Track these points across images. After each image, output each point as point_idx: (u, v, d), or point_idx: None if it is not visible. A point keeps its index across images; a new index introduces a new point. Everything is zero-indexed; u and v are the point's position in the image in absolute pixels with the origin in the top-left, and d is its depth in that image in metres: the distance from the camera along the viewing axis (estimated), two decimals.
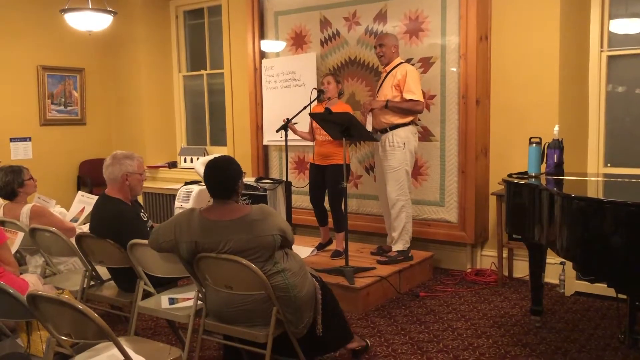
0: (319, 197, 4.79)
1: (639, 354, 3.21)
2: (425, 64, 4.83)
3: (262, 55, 5.91)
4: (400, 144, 4.40)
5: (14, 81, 6.49)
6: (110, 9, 4.93)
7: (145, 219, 3.36)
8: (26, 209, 3.68)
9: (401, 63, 4.49)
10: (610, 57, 4.43)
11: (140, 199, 6.56)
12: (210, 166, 2.79)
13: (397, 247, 4.54)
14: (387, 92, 4.43)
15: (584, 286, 4.21)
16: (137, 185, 3.33)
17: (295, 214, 5.14)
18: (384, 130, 4.45)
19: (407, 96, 4.33)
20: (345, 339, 3.15)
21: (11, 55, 6.42)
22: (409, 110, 4.37)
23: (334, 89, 4.64)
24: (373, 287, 4.13)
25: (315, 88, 4.79)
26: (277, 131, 4.65)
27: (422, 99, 4.40)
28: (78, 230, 3.68)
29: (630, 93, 4.42)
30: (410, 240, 4.57)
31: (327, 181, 4.63)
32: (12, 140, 6.47)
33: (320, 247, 4.94)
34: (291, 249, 2.90)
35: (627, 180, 3.53)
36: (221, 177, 2.76)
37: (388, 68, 4.51)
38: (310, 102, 4.65)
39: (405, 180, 4.45)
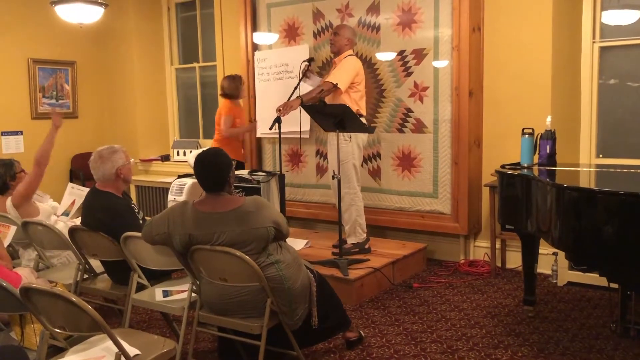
0: None
1: (630, 342, 3.24)
2: (418, 55, 4.83)
3: (255, 47, 5.88)
4: (347, 137, 4.38)
5: (5, 74, 6.42)
6: (102, 1, 4.88)
7: (137, 211, 3.36)
8: (9, 201, 3.65)
9: (349, 55, 4.54)
10: (602, 48, 4.44)
11: (132, 192, 6.58)
12: (199, 160, 2.79)
13: (351, 239, 4.56)
14: None
15: (577, 276, 4.24)
16: (129, 174, 3.40)
17: (288, 207, 5.14)
18: None
19: (325, 79, 4.38)
20: (342, 326, 3.17)
21: (1, 48, 6.35)
22: (317, 94, 4.33)
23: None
24: (367, 278, 4.15)
25: (304, 61, 4.80)
26: (270, 128, 4.60)
27: (337, 82, 4.32)
28: (70, 224, 3.67)
29: (622, 84, 4.44)
30: (365, 231, 4.58)
31: None
32: (3, 134, 6.42)
33: None
34: (286, 241, 2.90)
35: (619, 170, 3.56)
36: (210, 170, 2.76)
37: (337, 60, 4.56)
38: (301, 79, 4.70)
39: (353, 174, 4.45)
